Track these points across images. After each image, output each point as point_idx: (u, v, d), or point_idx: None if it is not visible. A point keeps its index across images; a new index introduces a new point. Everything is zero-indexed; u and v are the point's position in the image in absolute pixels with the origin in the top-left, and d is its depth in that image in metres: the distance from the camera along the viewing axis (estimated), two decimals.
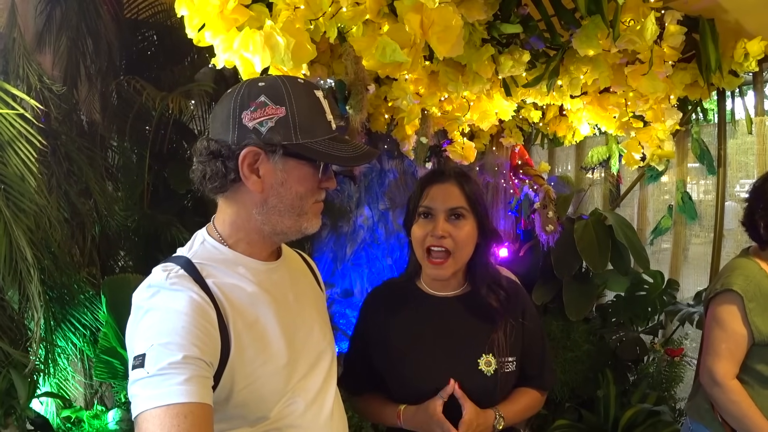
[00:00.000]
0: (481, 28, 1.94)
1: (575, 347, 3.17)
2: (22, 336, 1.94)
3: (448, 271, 1.37)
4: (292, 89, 1.00)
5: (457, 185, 1.38)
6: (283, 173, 1.01)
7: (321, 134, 1.02)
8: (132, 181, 2.49)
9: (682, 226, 3.51)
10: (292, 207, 1.03)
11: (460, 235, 1.35)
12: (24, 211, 1.83)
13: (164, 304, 0.92)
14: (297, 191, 1.02)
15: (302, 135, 0.99)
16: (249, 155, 0.99)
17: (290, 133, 0.99)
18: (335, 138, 1.04)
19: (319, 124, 1.02)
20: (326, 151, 1.01)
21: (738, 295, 1.65)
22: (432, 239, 1.35)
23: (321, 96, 1.04)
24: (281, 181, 1.01)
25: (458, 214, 1.36)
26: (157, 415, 0.81)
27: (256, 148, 0.98)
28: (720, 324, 1.69)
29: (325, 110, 1.04)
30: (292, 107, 0.99)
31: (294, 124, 0.99)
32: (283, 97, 0.99)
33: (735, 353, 1.65)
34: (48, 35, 2.25)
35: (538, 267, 3.51)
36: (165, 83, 2.49)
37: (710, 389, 1.70)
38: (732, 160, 3.21)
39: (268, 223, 1.04)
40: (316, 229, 1.08)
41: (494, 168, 3.85)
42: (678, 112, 2.58)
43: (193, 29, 1.41)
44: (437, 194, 1.38)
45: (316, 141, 1.01)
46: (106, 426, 2.11)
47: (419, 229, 1.38)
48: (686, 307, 3.11)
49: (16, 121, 1.82)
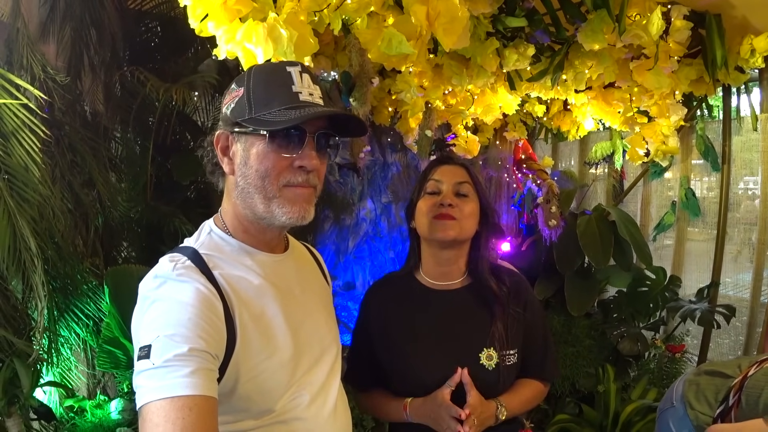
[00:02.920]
0: (486, 22, 1.93)
1: (576, 342, 3.18)
2: (26, 325, 1.94)
3: (453, 231, 1.38)
4: (255, 69, 1.03)
5: (464, 168, 1.45)
6: (244, 152, 1.01)
7: (278, 105, 0.98)
8: (135, 173, 2.49)
9: (685, 222, 3.50)
10: (256, 187, 1.00)
11: (465, 209, 1.40)
12: (28, 201, 1.83)
13: (171, 295, 0.92)
14: (257, 169, 0.99)
15: (256, 108, 0.99)
16: (220, 138, 1.04)
17: (245, 110, 1.00)
18: (296, 107, 0.98)
19: (279, 95, 0.99)
20: (272, 118, 0.97)
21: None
22: (439, 208, 1.39)
23: (295, 71, 1.01)
24: (244, 161, 1.01)
25: (464, 193, 1.41)
26: (161, 407, 0.81)
27: (222, 131, 1.03)
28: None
29: (293, 82, 1.00)
30: (249, 85, 1.01)
31: (249, 101, 1.00)
32: (243, 79, 1.02)
33: None
34: (52, 25, 2.24)
35: (540, 262, 3.51)
36: (168, 74, 2.48)
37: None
38: (736, 157, 3.19)
39: (246, 207, 1.03)
40: (296, 217, 1.01)
41: (498, 162, 3.84)
42: (683, 108, 2.57)
43: (196, 19, 1.40)
44: (445, 171, 1.44)
45: (269, 111, 0.98)
46: (108, 416, 2.13)
47: (425, 203, 1.42)
48: (688, 304, 3.11)
49: (20, 111, 1.81)
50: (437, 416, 1.30)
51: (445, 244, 1.41)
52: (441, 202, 1.39)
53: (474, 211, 1.42)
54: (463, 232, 1.40)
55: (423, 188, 1.44)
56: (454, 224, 1.38)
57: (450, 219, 1.38)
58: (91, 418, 2.11)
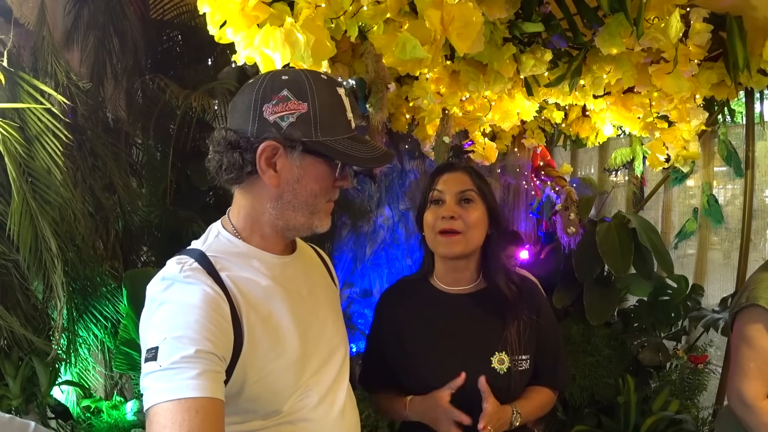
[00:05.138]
0: (502, 27, 1.92)
1: (596, 352, 3.12)
2: (45, 325, 1.99)
3: (458, 247, 1.37)
4: (315, 85, 1.00)
5: (466, 173, 1.42)
6: (300, 170, 1.00)
7: (341, 133, 1.01)
8: (155, 178, 2.54)
9: (707, 230, 3.43)
10: (306, 204, 1.03)
11: (470, 217, 1.37)
12: (50, 204, 1.88)
13: (178, 298, 0.92)
14: (312, 189, 1.02)
15: (322, 133, 0.99)
16: (267, 149, 0.98)
17: (311, 130, 0.98)
18: (354, 137, 1.03)
19: (340, 122, 1.02)
20: (345, 150, 1.00)
21: (765, 311, 1.55)
22: (442, 222, 1.37)
23: (343, 94, 1.03)
24: (297, 178, 1.00)
25: (468, 198, 1.39)
26: (168, 409, 0.81)
27: (275, 142, 0.98)
28: (747, 341, 1.58)
29: (346, 108, 1.04)
30: (314, 104, 0.98)
31: (315, 122, 0.98)
32: (306, 93, 0.98)
33: (765, 372, 1.55)
34: (76, 34, 2.31)
35: (559, 270, 3.46)
36: (189, 82, 2.53)
37: (740, 411, 1.59)
38: (760, 164, 3.12)
39: (282, 218, 1.04)
40: (327, 227, 1.07)
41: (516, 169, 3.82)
42: (704, 112, 2.52)
43: (215, 26, 1.43)
44: (447, 180, 1.42)
45: (335, 140, 1.00)
46: (124, 417, 2.15)
47: (430, 214, 1.40)
48: (711, 314, 3.03)
49: (44, 116, 1.87)
50: (435, 417, 1.30)
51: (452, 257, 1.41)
52: (443, 214, 1.37)
53: (480, 217, 1.39)
54: (469, 245, 1.38)
55: (427, 198, 1.43)
56: (458, 239, 1.36)
57: (454, 234, 1.36)
58: (107, 418, 2.13)
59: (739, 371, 1.59)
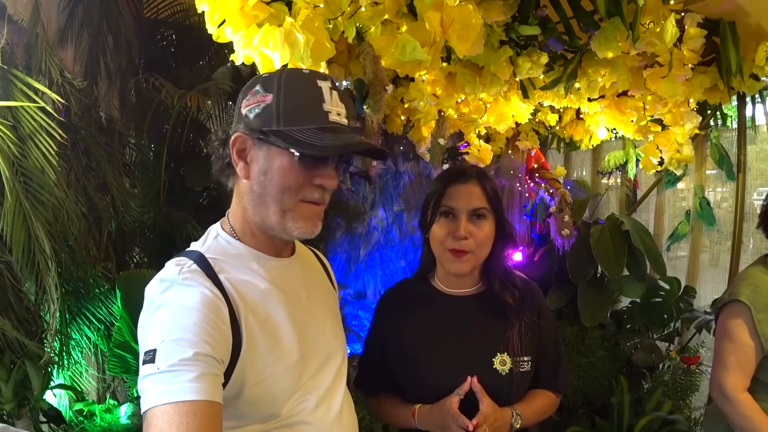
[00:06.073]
0: (499, 30, 1.92)
1: (589, 353, 3.14)
2: (38, 327, 1.96)
3: (468, 266, 1.37)
4: (286, 77, 1.00)
5: (479, 185, 1.39)
6: (266, 161, 0.99)
7: (309, 123, 0.97)
8: (149, 178, 2.51)
9: (699, 232, 3.46)
10: (275, 200, 1.00)
11: (480, 235, 1.36)
12: (43, 204, 1.85)
13: (176, 300, 0.92)
14: (278, 182, 0.99)
15: (285, 123, 0.97)
16: (237, 141, 1.01)
17: (272, 119, 0.97)
18: (327, 128, 0.98)
19: (310, 113, 0.98)
20: (304, 139, 0.96)
21: (745, 306, 1.61)
22: (454, 242, 1.35)
23: (326, 86, 1.00)
24: (264, 170, 0.99)
25: (480, 214, 1.37)
26: (166, 412, 0.81)
27: (242, 133, 1.00)
28: (728, 335, 1.64)
29: (324, 100, 0.99)
30: (279, 94, 0.98)
31: (278, 111, 0.97)
32: (272, 85, 0.99)
33: (745, 366, 1.61)
34: (70, 32, 2.28)
35: (552, 271, 3.48)
36: (183, 82, 2.51)
37: (720, 403, 1.65)
38: (751, 167, 3.15)
39: (257, 214, 1.03)
40: (307, 232, 1.03)
41: (510, 171, 3.83)
42: (697, 116, 2.55)
43: (213, 25, 1.42)
44: (460, 194, 1.37)
45: (299, 129, 0.96)
46: (117, 420, 2.13)
47: (440, 228, 1.38)
48: (703, 315, 3.06)
49: (37, 114, 1.84)
50: (445, 425, 1.29)
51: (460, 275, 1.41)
52: (455, 234, 1.34)
53: (490, 232, 1.38)
54: (478, 262, 1.39)
55: (437, 209, 1.39)
56: (469, 258, 1.36)
57: (464, 254, 1.35)
58: (100, 422, 2.11)
59: (720, 364, 1.65)
